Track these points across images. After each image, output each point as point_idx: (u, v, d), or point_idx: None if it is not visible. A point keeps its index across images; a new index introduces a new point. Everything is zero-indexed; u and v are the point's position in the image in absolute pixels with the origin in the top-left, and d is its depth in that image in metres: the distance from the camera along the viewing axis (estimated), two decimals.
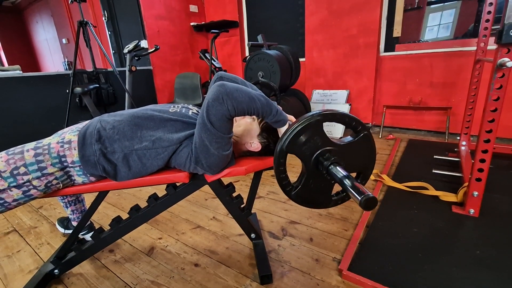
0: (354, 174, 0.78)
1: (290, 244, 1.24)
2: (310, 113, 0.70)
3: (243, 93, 0.78)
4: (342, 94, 3.06)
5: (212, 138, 0.78)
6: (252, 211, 1.47)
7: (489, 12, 1.76)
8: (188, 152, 0.85)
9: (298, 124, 0.69)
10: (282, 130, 0.87)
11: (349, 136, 0.76)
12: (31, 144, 0.81)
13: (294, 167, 2.11)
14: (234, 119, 0.98)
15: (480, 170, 1.23)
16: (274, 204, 1.59)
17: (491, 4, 1.73)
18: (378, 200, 0.58)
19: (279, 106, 0.88)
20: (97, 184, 0.89)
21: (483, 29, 1.81)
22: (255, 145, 0.96)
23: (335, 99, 3.09)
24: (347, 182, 0.62)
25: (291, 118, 0.91)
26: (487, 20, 1.77)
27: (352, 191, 0.58)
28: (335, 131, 2.88)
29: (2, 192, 0.75)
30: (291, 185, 0.77)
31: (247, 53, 3.90)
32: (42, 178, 0.79)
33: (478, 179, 1.25)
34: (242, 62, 3.82)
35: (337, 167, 0.67)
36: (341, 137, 0.81)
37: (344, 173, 0.65)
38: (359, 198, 0.55)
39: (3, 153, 0.79)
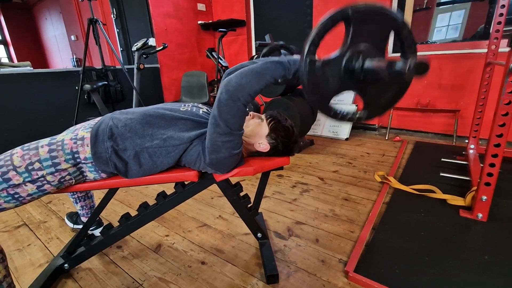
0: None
1: (296, 244, 1.24)
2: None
3: (248, 75, 0.76)
4: (349, 94, 3.05)
5: (225, 137, 0.79)
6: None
7: (501, 14, 1.74)
8: (198, 151, 0.86)
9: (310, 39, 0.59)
10: None
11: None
12: (45, 140, 0.83)
13: (299, 167, 2.11)
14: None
15: (490, 174, 1.22)
16: (280, 204, 1.59)
17: (503, 6, 1.70)
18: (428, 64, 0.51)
19: (295, 56, 0.80)
20: (108, 181, 0.91)
21: (494, 32, 1.79)
22: (263, 145, 0.96)
23: (341, 100, 3.08)
24: (390, 64, 0.52)
25: None
26: (499, 23, 1.75)
27: (399, 66, 0.51)
28: (340, 131, 2.88)
29: (17, 187, 0.77)
30: (348, 114, 0.66)
31: (253, 52, 3.90)
32: (55, 174, 0.80)
33: (487, 184, 1.24)
34: (248, 61, 3.82)
35: (370, 60, 0.59)
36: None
37: (382, 60, 0.55)
38: (408, 64, 0.49)
39: (18, 148, 0.80)
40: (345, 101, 3.05)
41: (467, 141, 2.10)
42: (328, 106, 0.65)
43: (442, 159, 2.02)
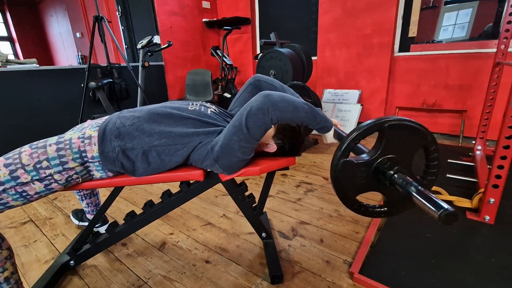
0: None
1: (301, 244, 1.24)
2: (365, 124, 0.65)
3: (288, 103, 0.79)
4: (354, 94, 3.03)
5: (244, 142, 0.81)
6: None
7: (511, 14, 1.71)
8: (207, 150, 0.85)
9: (351, 137, 0.64)
10: (327, 136, 0.89)
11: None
12: (53, 139, 0.83)
13: (304, 167, 2.10)
14: None
15: (498, 176, 1.21)
16: (284, 204, 1.59)
17: None
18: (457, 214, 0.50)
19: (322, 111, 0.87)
20: (115, 179, 0.91)
21: (504, 31, 1.76)
22: (270, 146, 0.96)
23: (347, 99, 3.06)
24: (417, 196, 0.55)
25: (336, 122, 0.92)
26: (509, 22, 1.72)
27: (427, 204, 0.53)
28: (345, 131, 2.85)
29: (25, 185, 0.77)
30: (369, 206, 0.73)
31: (258, 51, 3.88)
32: (63, 173, 0.80)
33: (495, 186, 1.22)
34: (253, 60, 3.81)
35: (401, 175, 0.63)
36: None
37: (413, 182, 0.59)
38: (438, 213, 0.49)
39: (26, 146, 0.81)
40: (350, 100, 3.03)
41: (474, 142, 2.08)
42: (353, 200, 0.71)
43: (448, 160, 2.00)
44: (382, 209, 0.73)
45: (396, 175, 0.64)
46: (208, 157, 0.85)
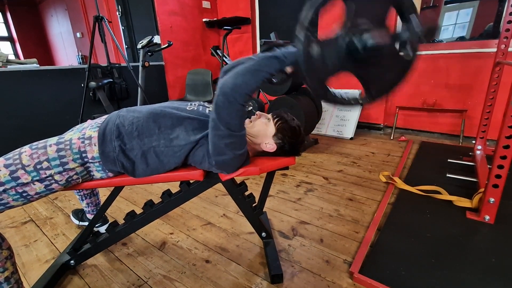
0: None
1: (301, 244, 1.24)
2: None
3: (245, 74, 0.75)
4: (354, 93, 3.03)
5: (226, 139, 0.79)
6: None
7: (511, 13, 1.70)
8: (203, 152, 0.86)
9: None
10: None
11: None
12: (54, 139, 0.83)
13: (304, 167, 2.10)
14: (249, 120, 0.99)
15: (498, 176, 1.21)
16: (284, 204, 1.59)
17: None
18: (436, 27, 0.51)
19: (290, 48, 0.76)
20: (115, 179, 0.91)
21: (504, 31, 1.75)
22: (270, 145, 0.96)
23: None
24: (400, 35, 0.52)
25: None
26: (509, 22, 1.72)
27: (409, 37, 0.51)
28: (345, 130, 2.86)
29: (26, 186, 0.77)
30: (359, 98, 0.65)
31: (258, 51, 3.88)
32: (63, 173, 0.81)
33: (495, 186, 1.22)
34: None
35: (370, 34, 0.56)
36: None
37: (385, 33, 0.54)
38: (418, 33, 0.48)
39: (27, 147, 0.81)
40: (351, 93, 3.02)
41: (474, 141, 2.08)
42: (324, 88, 0.62)
43: (449, 160, 2.00)
44: (363, 97, 0.66)
45: (371, 37, 0.57)
46: (205, 159, 0.86)
